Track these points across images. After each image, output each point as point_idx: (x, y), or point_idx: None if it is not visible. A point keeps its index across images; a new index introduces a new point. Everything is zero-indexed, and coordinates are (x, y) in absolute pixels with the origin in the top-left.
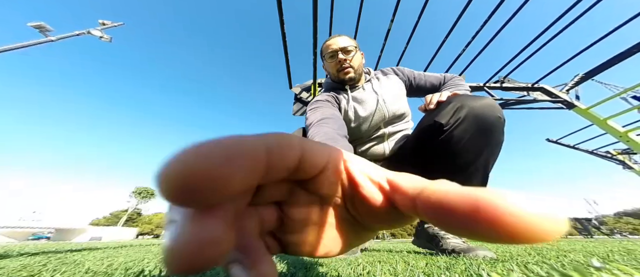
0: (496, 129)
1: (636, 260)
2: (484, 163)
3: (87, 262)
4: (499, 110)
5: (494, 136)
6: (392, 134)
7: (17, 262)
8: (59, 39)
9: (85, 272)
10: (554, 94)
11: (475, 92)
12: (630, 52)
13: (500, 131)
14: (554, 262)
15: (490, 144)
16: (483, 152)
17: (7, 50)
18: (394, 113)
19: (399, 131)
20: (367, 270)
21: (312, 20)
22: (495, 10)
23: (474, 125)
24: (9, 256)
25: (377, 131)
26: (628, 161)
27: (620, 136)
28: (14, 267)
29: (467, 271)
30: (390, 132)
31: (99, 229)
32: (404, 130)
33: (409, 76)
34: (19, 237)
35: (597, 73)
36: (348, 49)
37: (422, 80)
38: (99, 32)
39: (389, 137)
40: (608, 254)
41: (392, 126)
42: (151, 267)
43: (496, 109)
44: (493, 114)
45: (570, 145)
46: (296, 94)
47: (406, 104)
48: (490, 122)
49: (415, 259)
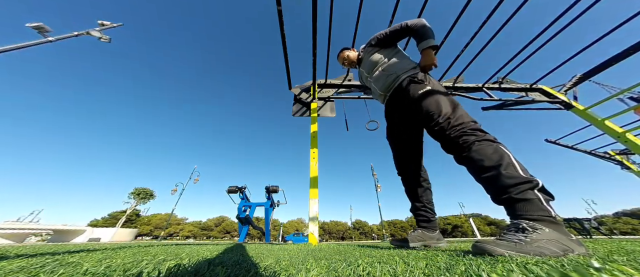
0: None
1: (636, 260)
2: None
3: (85, 263)
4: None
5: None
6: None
7: (14, 263)
8: (57, 40)
9: (83, 273)
10: (553, 94)
11: (475, 92)
12: (627, 53)
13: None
14: (553, 262)
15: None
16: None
17: (7, 50)
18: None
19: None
20: (367, 271)
21: (312, 21)
22: (493, 11)
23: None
24: (6, 257)
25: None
26: (626, 161)
27: (618, 136)
28: (11, 269)
29: (467, 272)
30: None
31: (97, 230)
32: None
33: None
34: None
35: (594, 74)
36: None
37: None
38: (98, 33)
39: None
40: (607, 255)
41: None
42: (150, 269)
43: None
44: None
45: (569, 145)
46: (296, 95)
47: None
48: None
49: (415, 259)
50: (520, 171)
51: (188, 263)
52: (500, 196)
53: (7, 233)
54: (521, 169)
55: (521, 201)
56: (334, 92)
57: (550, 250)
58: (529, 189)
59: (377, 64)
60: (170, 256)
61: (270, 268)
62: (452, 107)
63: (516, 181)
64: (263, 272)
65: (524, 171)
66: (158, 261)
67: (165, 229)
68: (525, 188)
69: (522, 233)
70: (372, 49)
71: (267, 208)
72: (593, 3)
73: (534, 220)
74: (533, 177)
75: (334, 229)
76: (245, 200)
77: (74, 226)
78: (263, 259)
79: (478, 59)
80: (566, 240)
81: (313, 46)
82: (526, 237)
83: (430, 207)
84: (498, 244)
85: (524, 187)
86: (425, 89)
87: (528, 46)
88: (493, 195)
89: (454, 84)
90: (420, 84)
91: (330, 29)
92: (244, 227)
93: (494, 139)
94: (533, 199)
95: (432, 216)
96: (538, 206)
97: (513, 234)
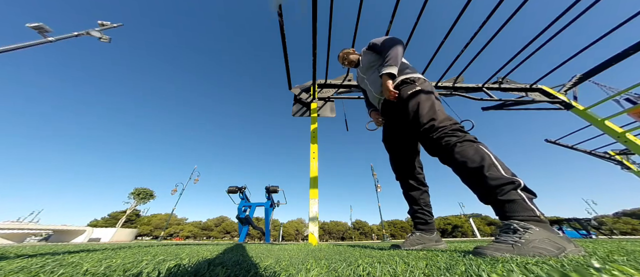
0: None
1: (636, 260)
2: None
3: (85, 263)
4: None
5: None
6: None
7: (14, 264)
8: (57, 40)
9: (83, 273)
10: (552, 94)
11: (475, 92)
12: (627, 53)
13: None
14: (553, 262)
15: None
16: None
17: (7, 50)
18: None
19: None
20: (367, 271)
21: (312, 22)
22: (493, 11)
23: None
24: (6, 257)
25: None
26: (626, 161)
27: (618, 136)
28: (11, 269)
29: (467, 272)
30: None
31: (97, 230)
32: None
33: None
34: (16, 239)
35: (594, 74)
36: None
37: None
38: (98, 33)
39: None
40: (608, 255)
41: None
42: (149, 269)
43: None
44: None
45: (568, 145)
46: (296, 95)
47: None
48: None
49: (415, 259)
50: (502, 171)
51: (188, 263)
52: (486, 197)
53: (7, 233)
54: (503, 169)
55: (507, 202)
56: (334, 92)
57: (547, 250)
58: (512, 189)
59: (373, 68)
60: (170, 256)
61: (270, 268)
62: (435, 109)
63: (500, 182)
64: (263, 272)
65: (506, 170)
66: (158, 261)
67: (165, 229)
68: (509, 189)
69: (515, 234)
70: (369, 53)
71: (267, 208)
72: (593, 3)
73: (523, 220)
74: (515, 176)
75: (334, 229)
76: (245, 200)
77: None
78: (263, 259)
79: (478, 59)
80: (557, 238)
81: (313, 46)
82: (521, 239)
83: (427, 210)
84: (498, 249)
85: (508, 188)
86: (413, 90)
87: (528, 46)
88: (479, 196)
89: (454, 84)
90: (411, 84)
91: (330, 29)
92: (244, 228)
93: (474, 139)
94: (517, 199)
95: (429, 218)
96: (523, 206)
97: (508, 236)
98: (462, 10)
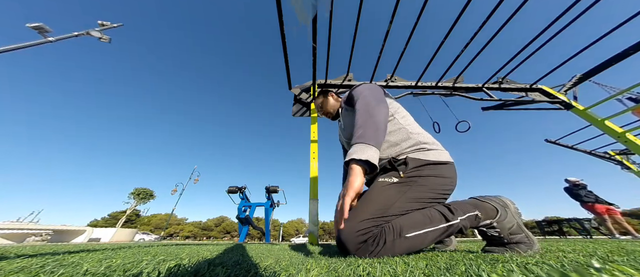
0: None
1: (636, 260)
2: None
3: (85, 263)
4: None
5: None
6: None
7: (14, 264)
8: (57, 40)
9: (83, 273)
10: (552, 94)
11: (475, 92)
12: (627, 53)
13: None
14: (554, 262)
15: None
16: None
17: (7, 50)
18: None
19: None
20: (367, 271)
21: (312, 21)
22: (493, 11)
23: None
24: (6, 257)
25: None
26: (626, 161)
27: (618, 136)
28: (11, 269)
29: (467, 272)
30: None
31: (97, 230)
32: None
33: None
34: (16, 239)
35: (594, 74)
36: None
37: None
38: (98, 33)
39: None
40: (608, 255)
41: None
42: (149, 269)
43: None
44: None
45: (569, 145)
46: (295, 95)
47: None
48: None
49: (415, 260)
50: (439, 226)
51: (188, 263)
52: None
53: (6, 233)
54: (439, 223)
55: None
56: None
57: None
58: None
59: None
60: (170, 256)
61: (270, 268)
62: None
63: (451, 231)
64: (263, 272)
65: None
66: (158, 261)
67: (165, 229)
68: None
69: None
70: (350, 111)
71: (267, 208)
72: (593, 3)
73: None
74: (449, 221)
75: (334, 229)
76: (245, 200)
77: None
78: (263, 259)
79: (478, 59)
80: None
81: (313, 47)
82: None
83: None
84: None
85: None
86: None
87: (528, 46)
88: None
89: (454, 84)
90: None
91: (330, 29)
92: (244, 228)
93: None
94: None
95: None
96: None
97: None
98: (462, 10)
